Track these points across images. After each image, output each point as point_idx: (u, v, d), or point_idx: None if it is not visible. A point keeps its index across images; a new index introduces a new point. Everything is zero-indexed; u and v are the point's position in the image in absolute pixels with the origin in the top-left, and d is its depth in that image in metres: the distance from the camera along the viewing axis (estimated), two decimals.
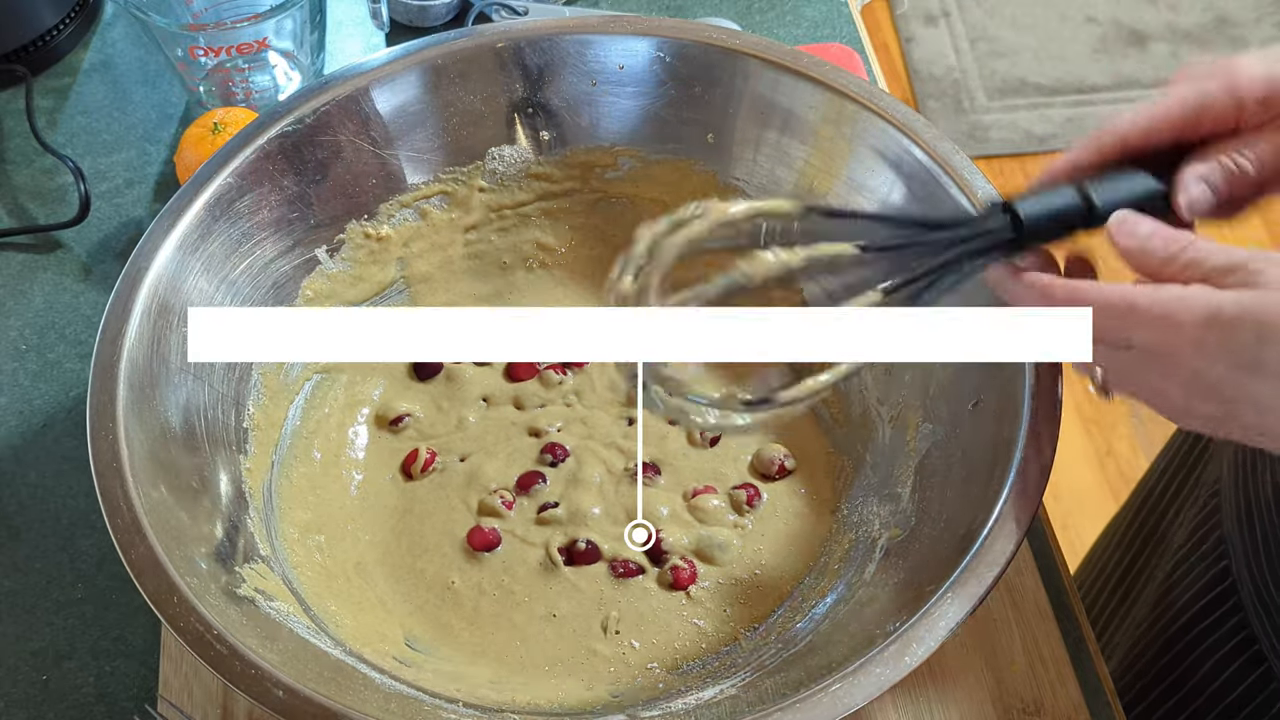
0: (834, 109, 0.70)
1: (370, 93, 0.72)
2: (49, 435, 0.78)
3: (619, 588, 0.69)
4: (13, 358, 0.81)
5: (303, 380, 0.74)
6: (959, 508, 0.61)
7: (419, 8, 0.95)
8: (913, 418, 0.68)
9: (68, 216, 0.87)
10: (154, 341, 0.63)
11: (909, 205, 0.69)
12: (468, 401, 0.76)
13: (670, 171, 0.77)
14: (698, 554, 0.70)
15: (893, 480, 0.68)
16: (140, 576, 0.55)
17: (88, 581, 0.72)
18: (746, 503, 0.71)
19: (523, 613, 0.68)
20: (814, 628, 0.64)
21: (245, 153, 0.69)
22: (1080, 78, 2.18)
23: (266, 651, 0.54)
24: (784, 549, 0.70)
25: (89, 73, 0.96)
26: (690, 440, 0.74)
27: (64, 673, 0.69)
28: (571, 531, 0.70)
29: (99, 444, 0.59)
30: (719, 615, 0.68)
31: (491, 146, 0.76)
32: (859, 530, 0.68)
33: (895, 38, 2.26)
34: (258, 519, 0.66)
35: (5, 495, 0.75)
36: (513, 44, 0.74)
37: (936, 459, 0.66)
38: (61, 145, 0.91)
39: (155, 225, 0.67)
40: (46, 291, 0.84)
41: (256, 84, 0.91)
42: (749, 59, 0.72)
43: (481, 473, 0.73)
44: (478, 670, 0.66)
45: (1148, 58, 2.21)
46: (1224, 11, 2.27)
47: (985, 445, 0.61)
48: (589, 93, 0.75)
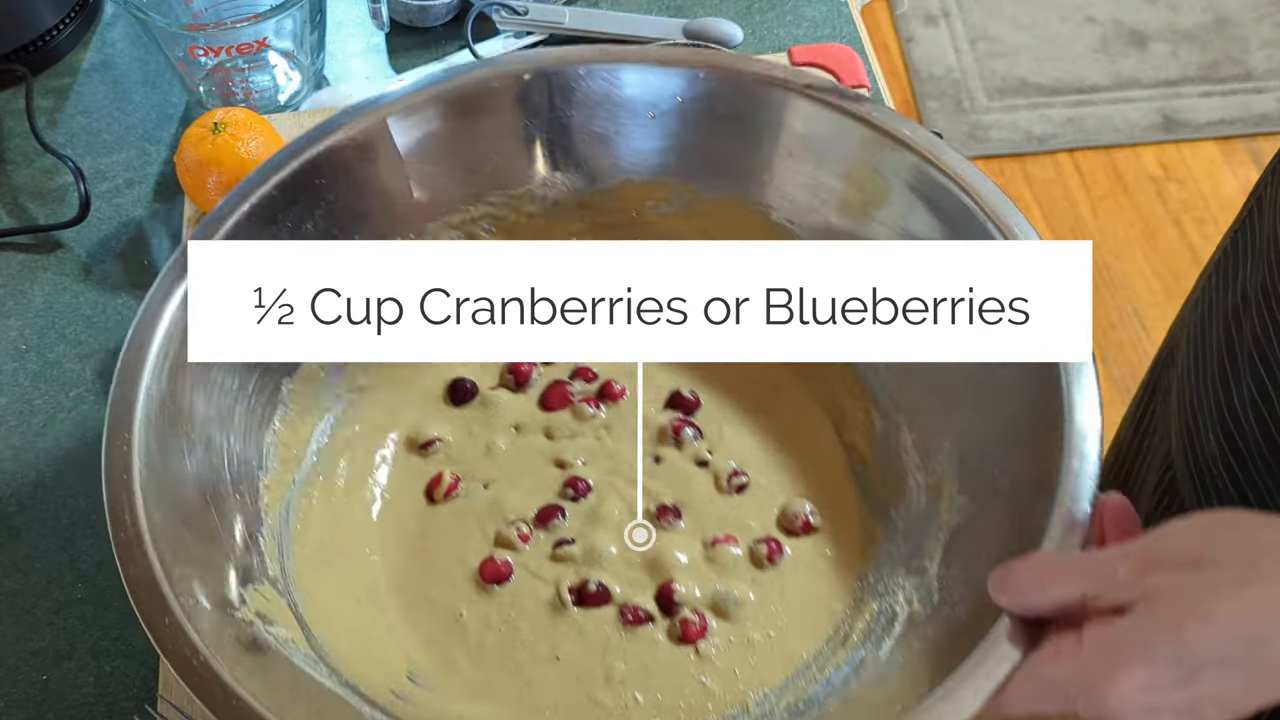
0: (898, 161, 0.68)
1: (421, 112, 0.71)
2: (49, 435, 0.78)
3: (626, 635, 0.67)
4: (13, 358, 0.81)
5: (334, 398, 0.73)
6: (982, 592, 0.57)
7: (419, 8, 0.95)
8: (949, 488, 0.65)
9: (68, 216, 0.87)
10: (182, 351, 0.63)
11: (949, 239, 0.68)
12: (499, 428, 0.75)
13: (722, 209, 0.75)
14: (712, 607, 0.68)
15: (922, 552, 0.65)
16: (136, 593, 0.55)
17: (88, 581, 0.72)
18: (768, 558, 0.69)
19: (527, 652, 0.67)
20: (824, 700, 0.62)
21: (292, 165, 0.68)
22: (1080, 78, 2.18)
23: (253, 682, 0.53)
24: (802, 611, 0.68)
25: (89, 73, 0.96)
26: (717, 486, 0.72)
27: (64, 673, 0.69)
28: (584, 571, 0.69)
29: (113, 453, 0.58)
30: (727, 675, 0.66)
31: (542, 173, 0.75)
32: (882, 601, 0.65)
33: (895, 38, 2.25)
34: (270, 538, 0.65)
35: (5, 495, 0.75)
36: (564, 71, 0.72)
37: (966, 537, 0.63)
38: (61, 145, 0.91)
39: (214, 216, 0.66)
40: (46, 291, 0.84)
41: (256, 84, 0.91)
42: (811, 101, 0.70)
43: (503, 501, 0.72)
44: (476, 709, 0.64)
45: (1148, 58, 2.21)
46: (1224, 11, 2.27)
47: (1013, 531, 0.58)
48: (645, 125, 0.73)
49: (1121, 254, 1.91)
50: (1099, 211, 1.97)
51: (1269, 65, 2.18)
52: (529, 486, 0.72)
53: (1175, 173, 2.04)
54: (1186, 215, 1.97)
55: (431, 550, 0.70)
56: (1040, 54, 2.22)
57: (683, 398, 0.75)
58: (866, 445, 0.72)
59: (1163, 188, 2.01)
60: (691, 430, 0.74)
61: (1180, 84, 2.17)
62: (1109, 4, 2.28)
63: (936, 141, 0.67)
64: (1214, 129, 2.10)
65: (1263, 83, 2.16)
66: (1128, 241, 1.93)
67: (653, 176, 0.75)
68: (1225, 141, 2.08)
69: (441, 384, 0.76)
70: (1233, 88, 2.15)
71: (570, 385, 0.76)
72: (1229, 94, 2.14)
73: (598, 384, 0.76)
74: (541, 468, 0.73)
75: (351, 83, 0.95)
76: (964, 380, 0.66)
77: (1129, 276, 1.89)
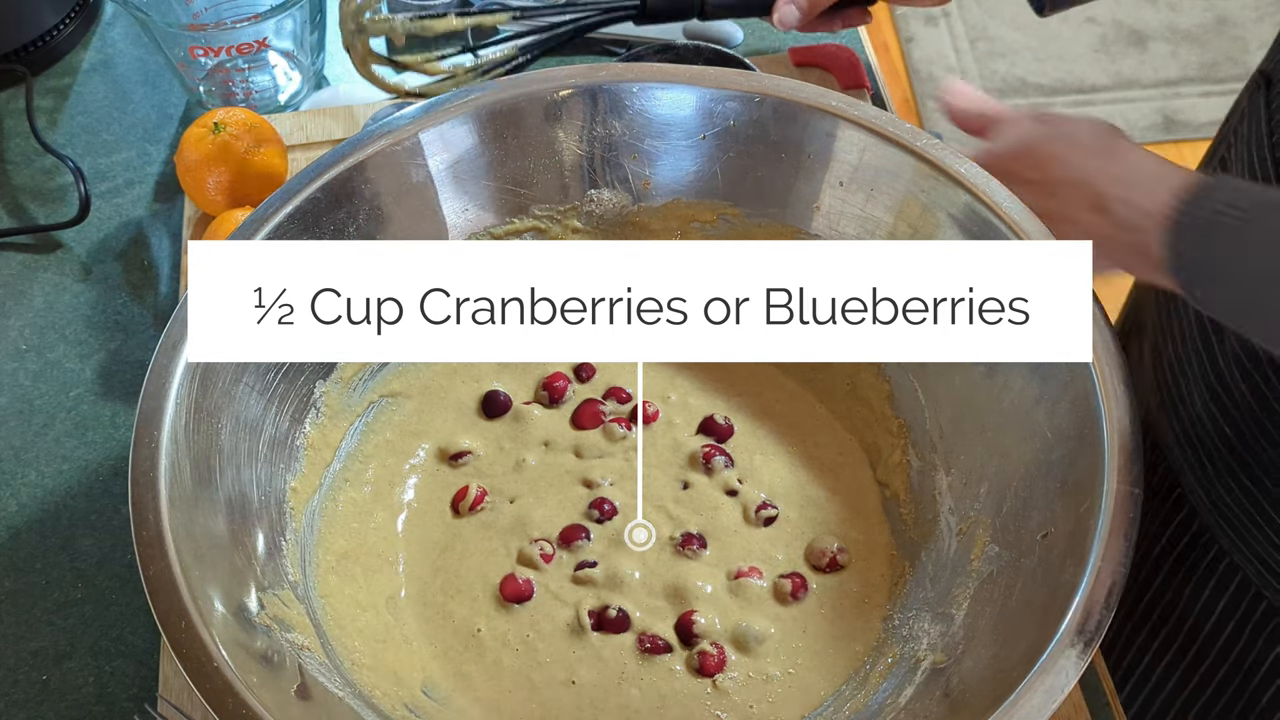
0: (950, 197, 0.68)
1: (471, 122, 0.71)
2: (49, 435, 0.78)
3: (643, 664, 0.66)
4: (13, 358, 0.81)
5: (366, 403, 0.73)
6: (1007, 647, 0.57)
7: (419, 8, 0.95)
8: (981, 535, 0.64)
9: (68, 216, 0.87)
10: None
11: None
12: (530, 444, 0.74)
13: (768, 235, 0.74)
14: (733, 640, 0.66)
15: (949, 599, 0.64)
16: (154, 595, 0.54)
17: (88, 581, 0.72)
18: (791, 593, 0.68)
19: (543, 674, 0.66)
20: None
21: (339, 169, 0.68)
22: (1080, 78, 2.18)
23: (265, 692, 0.53)
24: (823, 650, 0.66)
25: (89, 73, 0.96)
26: (745, 517, 0.71)
27: (64, 673, 0.69)
28: (605, 596, 0.68)
29: (140, 450, 0.58)
30: (743, 711, 0.64)
31: (590, 188, 0.75)
32: (905, 645, 0.64)
33: (895, 38, 2.25)
34: (294, 542, 0.65)
35: (5, 495, 0.75)
36: (617, 88, 0.72)
37: (996, 586, 0.61)
38: (61, 145, 0.91)
39: (255, 218, 0.66)
40: (46, 291, 0.84)
41: (256, 84, 0.91)
42: (865, 132, 0.69)
43: (528, 518, 0.71)
44: None
45: (1148, 58, 2.21)
46: (1224, 11, 2.27)
47: (1046, 584, 0.57)
48: (696, 146, 0.73)
49: None
50: None
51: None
52: (555, 504, 0.72)
53: None
54: None
55: (454, 564, 0.70)
56: (1040, 54, 2.22)
57: (715, 423, 0.74)
58: (901, 484, 0.71)
59: None
60: (723, 458, 0.73)
61: (1180, 84, 2.17)
62: (1109, 4, 2.28)
63: (989, 179, 0.66)
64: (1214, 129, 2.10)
65: None
66: None
67: (700, 198, 0.75)
68: None
69: (475, 396, 0.76)
70: (1233, 88, 2.15)
71: (603, 405, 0.75)
72: (1229, 94, 2.14)
73: (630, 405, 0.75)
74: (569, 486, 0.72)
75: (351, 83, 0.95)
76: (1006, 427, 0.65)
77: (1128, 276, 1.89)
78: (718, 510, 0.71)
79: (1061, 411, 0.61)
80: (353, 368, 0.71)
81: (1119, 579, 0.54)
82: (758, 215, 0.74)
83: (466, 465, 0.73)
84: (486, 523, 0.71)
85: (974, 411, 0.67)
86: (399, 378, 0.74)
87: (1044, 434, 0.62)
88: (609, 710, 0.65)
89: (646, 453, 0.74)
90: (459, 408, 0.76)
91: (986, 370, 0.66)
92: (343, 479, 0.70)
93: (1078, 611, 0.54)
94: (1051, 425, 0.62)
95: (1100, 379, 0.60)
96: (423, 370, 0.75)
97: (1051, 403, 0.62)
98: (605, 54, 0.96)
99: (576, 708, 0.65)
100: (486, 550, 0.70)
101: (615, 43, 0.96)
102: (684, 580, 0.68)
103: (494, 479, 0.73)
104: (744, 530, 0.71)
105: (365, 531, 0.70)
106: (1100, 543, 0.55)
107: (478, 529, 0.71)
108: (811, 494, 0.72)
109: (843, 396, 0.75)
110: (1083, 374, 0.60)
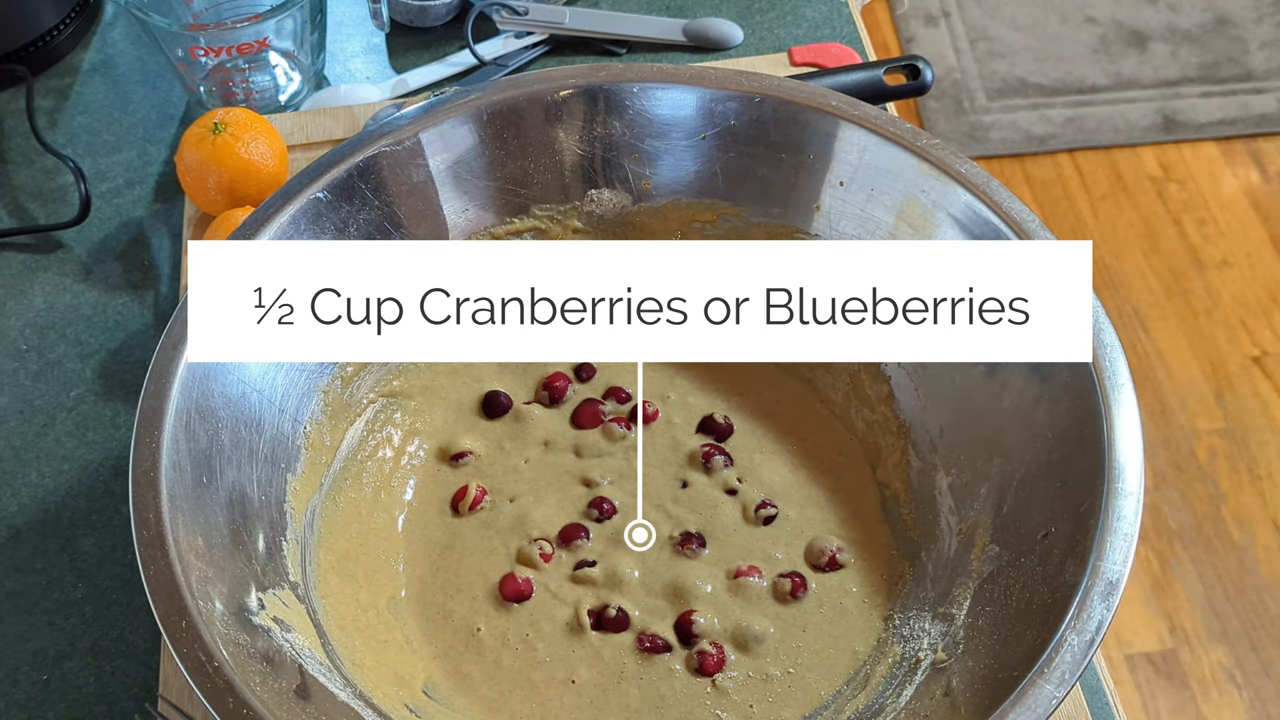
0: (951, 197, 0.68)
1: (471, 122, 0.71)
2: (49, 435, 0.78)
3: (642, 663, 0.66)
4: (13, 358, 0.81)
5: (367, 403, 0.73)
6: (1007, 647, 0.57)
7: (419, 8, 0.95)
8: (981, 536, 0.64)
9: (68, 216, 0.87)
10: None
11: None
12: (530, 444, 0.74)
13: (768, 235, 0.74)
14: (732, 640, 0.67)
15: (950, 599, 0.64)
16: (155, 595, 0.55)
17: (88, 581, 0.72)
18: (791, 593, 0.68)
19: (542, 673, 0.66)
20: None
21: (340, 168, 0.68)
22: (1080, 78, 2.18)
23: (265, 692, 0.53)
24: (824, 650, 0.67)
25: (89, 73, 0.96)
26: (745, 516, 0.71)
27: (64, 673, 0.69)
28: (605, 595, 0.68)
29: (141, 450, 0.58)
30: (743, 711, 0.65)
31: (590, 188, 0.75)
32: (907, 645, 0.64)
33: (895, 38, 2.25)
34: (294, 542, 0.65)
35: (5, 495, 0.75)
36: (617, 88, 0.72)
37: (996, 586, 0.62)
38: (62, 145, 0.91)
39: (255, 218, 0.66)
40: (47, 291, 0.84)
41: (257, 84, 0.91)
42: (866, 131, 0.69)
43: (528, 518, 0.71)
44: None
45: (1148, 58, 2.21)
46: (1224, 11, 2.27)
47: (1046, 584, 0.58)
48: (696, 146, 0.73)
49: (1121, 254, 1.91)
50: (1099, 212, 1.97)
51: (1269, 65, 2.18)
52: (555, 503, 0.72)
53: (1175, 173, 2.04)
54: (1186, 216, 1.97)
55: (454, 563, 0.70)
56: (1040, 54, 2.22)
57: (715, 422, 0.74)
58: (901, 485, 0.71)
59: (1163, 188, 2.01)
60: (722, 457, 0.73)
61: (1180, 84, 2.17)
62: (1109, 4, 2.28)
63: (989, 179, 0.66)
64: (1214, 129, 2.10)
65: (1263, 83, 2.16)
66: (1128, 242, 1.93)
67: (700, 198, 0.75)
68: (1225, 142, 2.08)
69: (475, 396, 0.76)
70: (1233, 88, 2.15)
71: (603, 405, 0.75)
72: (1229, 94, 2.14)
73: (630, 405, 0.76)
74: (568, 485, 0.73)
75: (352, 83, 0.95)
76: (1006, 427, 0.65)
77: (1129, 277, 1.89)
78: (717, 509, 0.71)
79: (1061, 411, 0.61)
80: (353, 368, 0.71)
81: (1119, 579, 0.54)
82: (758, 215, 0.74)
83: (467, 465, 0.74)
84: (486, 522, 0.71)
85: (974, 411, 0.67)
86: (399, 378, 0.74)
87: (1044, 434, 0.62)
88: (609, 710, 0.65)
89: (646, 452, 0.74)
90: (459, 408, 0.76)
91: (986, 370, 0.66)
92: (343, 479, 0.70)
93: (1078, 611, 0.54)
94: (1051, 425, 0.62)
95: (1100, 379, 0.60)
96: (423, 370, 0.75)
97: (1051, 403, 0.62)
98: (605, 54, 0.96)
99: (576, 707, 0.65)
100: (486, 550, 0.70)
101: (615, 42, 0.96)
102: (683, 579, 0.68)
103: (494, 479, 0.73)
104: (743, 529, 0.71)
105: (365, 531, 0.70)
106: (1100, 543, 0.55)
107: (477, 529, 0.71)
108: (811, 493, 0.72)
109: (843, 396, 0.75)
110: (1083, 374, 0.60)
